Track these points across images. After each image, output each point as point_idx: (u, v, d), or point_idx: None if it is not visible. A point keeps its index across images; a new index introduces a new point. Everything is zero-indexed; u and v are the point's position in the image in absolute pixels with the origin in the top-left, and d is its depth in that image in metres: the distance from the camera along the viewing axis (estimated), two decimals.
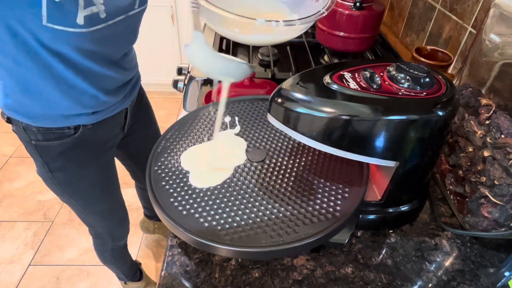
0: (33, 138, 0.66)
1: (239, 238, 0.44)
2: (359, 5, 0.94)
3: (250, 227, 0.45)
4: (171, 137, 0.60)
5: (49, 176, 0.74)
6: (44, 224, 1.60)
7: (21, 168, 1.88)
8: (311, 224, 0.45)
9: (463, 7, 0.87)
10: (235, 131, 0.62)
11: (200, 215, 0.47)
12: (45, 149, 0.68)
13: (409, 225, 0.59)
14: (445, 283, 0.50)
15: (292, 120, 0.46)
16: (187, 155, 0.57)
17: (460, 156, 0.58)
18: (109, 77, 0.66)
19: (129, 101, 0.77)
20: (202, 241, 0.43)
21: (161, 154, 0.56)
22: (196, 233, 0.44)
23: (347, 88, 0.46)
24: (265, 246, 0.43)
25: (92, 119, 0.68)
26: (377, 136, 0.44)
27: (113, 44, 0.63)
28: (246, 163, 0.55)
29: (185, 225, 0.45)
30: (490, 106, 0.53)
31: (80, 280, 1.40)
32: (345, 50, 1.04)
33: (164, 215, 0.46)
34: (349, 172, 0.53)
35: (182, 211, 0.47)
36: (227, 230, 0.45)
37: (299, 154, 0.57)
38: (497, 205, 0.51)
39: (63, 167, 0.72)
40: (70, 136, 0.67)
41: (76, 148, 0.70)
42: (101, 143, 0.76)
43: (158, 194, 0.49)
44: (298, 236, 0.44)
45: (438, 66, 0.80)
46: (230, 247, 0.42)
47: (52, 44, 0.53)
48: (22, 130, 0.66)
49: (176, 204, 0.48)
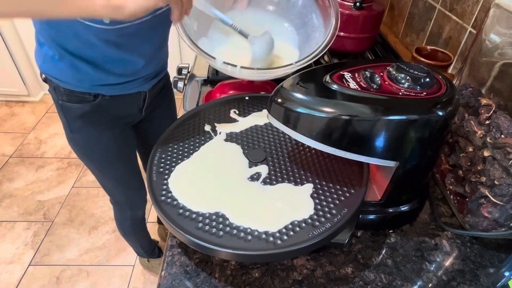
0: (60, 98, 0.77)
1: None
2: (359, 5, 0.94)
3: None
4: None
5: (70, 136, 0.84)
6: (44, 224, 1.60)
7: (21, 168, 1.88)
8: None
9: (463, 7, 0.87)
10: (223, 137, 0.60)
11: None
12: (67, 110, 0.79)
13: (409, 225, 0.59)
14: (445, 283, 0.50)
15: (292, 120, 0.46)
16: (175, 181, 0.52)
17: (460, 156, 0.58)
18: (133, 64, 0.74)
19: (148, 85, 0.83)
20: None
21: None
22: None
23: (347, 88, 0.46)
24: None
25: (110, 92, 0.77)
26: (377, 136, 0.44)
27: (142, 37, 0.70)
28: (242, 158, 0.55)
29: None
30: (490, 106, 0.53)
31: (80, 280, 1.40)
32: (345, 50, 1.04)
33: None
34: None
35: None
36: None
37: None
38: (497, 205, 0.51)
39: (81, 129, 0.82)
40: (89, 102, 0.77)
41: (93, 114, 0.79)
42: (117, 116, 0.84)
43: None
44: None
45: (438, 66, 0.80)
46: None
47: (85, 35, 0.63)
48: (53, 90, 0.77)
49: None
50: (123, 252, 1.50)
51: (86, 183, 1.81)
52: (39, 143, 2.04)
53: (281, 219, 0.46)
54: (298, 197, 0.50)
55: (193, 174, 0.53)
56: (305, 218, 0.46)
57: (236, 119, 0.64)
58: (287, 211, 0.47)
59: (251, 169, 0.54)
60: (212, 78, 0.95)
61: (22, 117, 2.24)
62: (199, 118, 0.64)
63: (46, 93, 2.45)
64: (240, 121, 0.64)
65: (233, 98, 0.69)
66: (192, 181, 0.52)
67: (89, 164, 0.93)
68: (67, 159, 1.94)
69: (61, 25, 0.63)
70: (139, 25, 0.65)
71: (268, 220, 0.46)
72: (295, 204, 0.49)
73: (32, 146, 2.02)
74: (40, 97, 2.41)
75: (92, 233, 1.57)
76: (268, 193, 0.50)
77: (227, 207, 0.48)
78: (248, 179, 0.52)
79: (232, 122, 0.64)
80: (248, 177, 0.52)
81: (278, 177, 0.53)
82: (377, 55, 1.10)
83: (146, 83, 0.82)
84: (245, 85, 0.82)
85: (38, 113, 2.28)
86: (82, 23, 0.60)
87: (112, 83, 0.75)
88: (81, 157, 0.90)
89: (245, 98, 0.69)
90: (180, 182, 0.52)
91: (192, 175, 0.53)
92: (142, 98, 0.85)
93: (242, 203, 0.49)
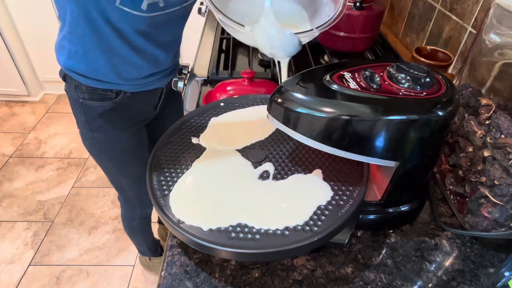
0: (81, 97, 0.78)
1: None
2: (359, 5, 0.94)
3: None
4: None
5: (89, 135, 0.84)
6: (44, 224, 1.60)
7: (21, 168, 1.88)
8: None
9: (463, 7, 0.87)
10: (221, 148, 0.57)
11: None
12: (88, 108, 0.79)
13: (409, 225, 0.59)
14: (445, 283, 0.50)
15: (292, 120, 0.46)
16: (183, 208, 0.48)
17: (460, 156, 0.58)
18: (154, 56, 0.77)
19: (165, 81, 0.86)
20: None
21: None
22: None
23: (347, 88, 0.46)
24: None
25: (131, 88, 0.79)
26: (377, 136, 0.44)
27: (166, 28, 0.74)
28: (243, 161, 0.55)
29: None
30: (490, 106, 0.53)
31: (80, 280, 1.40)
32: (345, 50, 1.04)
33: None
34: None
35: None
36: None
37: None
38: (497, 205, 0.51)
39: (101, 127, 0.83)
40: (111, 99, 0.78)
41: (114, 112, 0.81)
42: (135, 114, 0.86)
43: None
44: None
45: (438, 66, 0.80)
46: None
47: (117, 22, 0.66)
48: (73, 88, 0.77)
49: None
50: (123, 252, 1.50)
51: (86, 183, 1.81)
52: (39, 143, 2.04)
53: (307, 207, 0.47)
54: (314, 183, 0.51)
55: (199, 191, 0.50)
56: (329, 200, 0.48)
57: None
58: (310, 199, 0.48)
59: (257, 169, 0.54)
60: (212, 78, 0.95)
61: (22, 117, 2.24)
62: (183, 132, 0.61)
63: (46, 93, 2.45)
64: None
65: (210, 106, 0.67)
66: (201, 200, 0.48)
67: (106, 163, 0.93)
68: (67, 159, 1.94)
69: (94, 13, 0.64)
70: (169, 15, 0.69)
71: (296, 212, 0.47)
72: (314, 190, 0.50)
73: (32, 146, 2.02)
74: (40, 97, 2.41)
75: (92, 233, 1.57)
76: (283, 187, 0.51)
77: (247, 216, 0.46)
78: (260, 179, 0.52)
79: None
80: (258, 177, 0.52)
81: (286, 170, 0.54)
82: (377, 55, 1.10)
83: (164, 79, 0.85)
84: (245, 85, 0.82)
85: (38, 113, 2.28)
86: (120, 9, 0.62)
87: (136, 77, 0.77)
88: (98, 156, 0.91)
89: (220, 105, 0.68)
90: (189, 207, 0.48)
91: (199, 193, 0.50)
92: (159, 95, 0.88)
93: (260, 205, 0.48)
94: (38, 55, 2.22)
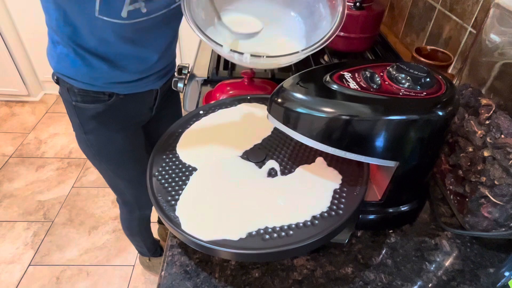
0: (74, 99, 0.77)
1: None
2: (359, 5, 0.94)
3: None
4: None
5: (84, 137, 0.84)
6: (44, 224, 1.60)
7: (21, 168, 1.88)
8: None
9: (463, 7, 0.87)
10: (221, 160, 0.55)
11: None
12: (81, 111, 0.79)
13: (409, 225, 0.59)
14: (445, 283, 0.50)
15: (292, 120, 0.46)
16: (196, 226, 0.46)
17: (460, 156, 0.58)
18: (145, 59, 0.75)
19: (160, 83, 0.85)
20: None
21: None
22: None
23: (347, 88, 0.46)
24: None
25: (124, 90, 0.78)
26: (377, 136, 0.44)
27: (156, 31, 0.72)
28: (245, 163, 0.55)
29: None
30: (490, 106, 0.53)
31: (80, 280, 1.40)
32: (345, 50, 1.04)
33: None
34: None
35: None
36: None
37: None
38: (497, 205, 0.51)
39: (95, 129, 0.82)
40: (104, 102, 0.78)
41: (107, 114, 0.80)
42: (130, 115, 0.85)
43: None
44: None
45: (438, 66, 0.79)
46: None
47: (101, 31, 0.64)
48: (66, 91, 0.77)
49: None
50: (123, 252, 1.50)
51: (86, 183, 1.81)
52: (39, 143, 2.04)
53: (324, 193, 0.49)
54: (321, 171, 0.53)
55: (214, 206, 0.48)
56: (341, 184, 0.50)
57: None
58: (324, 185, 0.50)
59: (262, 168, 0.54)
60: (212, 78, 0.95)
61: (22, 117, 2.24)
62: (172, 146, 0.59)
63: (46, 93, 2.45)
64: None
65: (189, 116, 0.66)
66: (221, 214, 0.47)
67: (102, 166, 0.92)
68: (67, 159, 1.94)
69: (78, 22, 0.64)
70: (154, 19, 0.66)
71: (316, 200, 0.48)
72: (325, 176, 0.51)
73: (32, 146, 2.02)
74: (40, 97, 2.41)
75: (92, 233, 1.57)
76: (295, 180, 0.52)
77: (272, 215, 0.46)
78: (269, 177, 0.52)
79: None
80: (267, 176, 0.53)
81: (290, 164, 0.54)
82: (377, 55, 1.10)
83: (158, 81, 0.84)
84: (244, 85, 0.82)
85: (38, 113, 2.28)
86: (100, 18, 0.61)
87: (127, 80, 0.76)
88: (94, 158, 0.90)
89: (200, 113, 0.66)
90: (201, 223, 0.46)
91: (215, 208, 0.47)
92: (154, 97, 0.87)
93: (282, 201, 0.48)
94: (38, 55, 2.22)
